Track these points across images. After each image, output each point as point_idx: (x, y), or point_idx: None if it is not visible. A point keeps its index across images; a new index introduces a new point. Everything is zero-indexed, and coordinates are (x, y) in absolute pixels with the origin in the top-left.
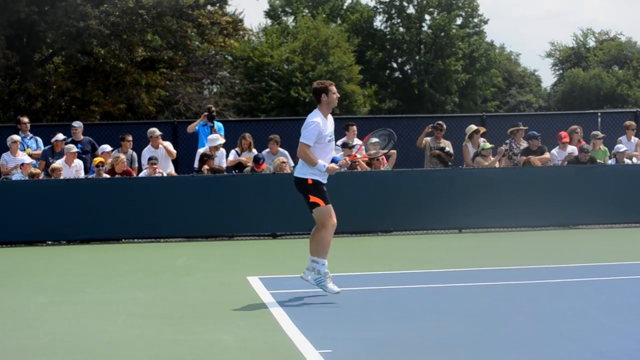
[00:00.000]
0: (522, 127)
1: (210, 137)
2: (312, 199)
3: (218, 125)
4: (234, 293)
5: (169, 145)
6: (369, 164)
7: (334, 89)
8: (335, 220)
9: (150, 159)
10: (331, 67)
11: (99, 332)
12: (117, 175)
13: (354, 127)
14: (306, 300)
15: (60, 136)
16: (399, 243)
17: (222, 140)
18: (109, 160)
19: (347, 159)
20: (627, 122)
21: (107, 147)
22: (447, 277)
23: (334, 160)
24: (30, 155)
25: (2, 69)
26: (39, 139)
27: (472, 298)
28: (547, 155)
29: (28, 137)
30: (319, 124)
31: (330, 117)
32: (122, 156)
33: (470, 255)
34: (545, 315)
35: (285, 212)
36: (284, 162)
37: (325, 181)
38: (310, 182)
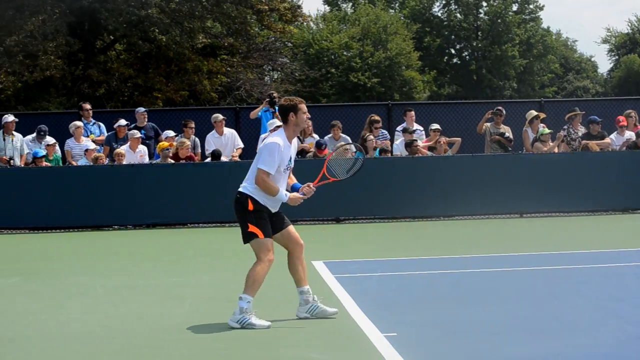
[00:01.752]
0: (579, 112)
1: (269, 122)
2: (251, 228)
3: None
4: None
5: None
6: (431, 148)
7: (304, 107)
8: (273, 256)
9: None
10: (390, 54)
11: (164, 315)
12: (181, 161)
13: (412, 113)
14: (371, 284)
15: (122, 122)
16: (461, 228)
17: (280, 122)
18: (174, 144)
19: (312, 185)
20: None
21: (170, 133)
22: (508, 262)
23: (294, 188)
24: (93, 141)
25: (65, 55)
26: (102, 125)
27: (533, 282)
28: (607, 140)
29: (91, 123)
30: (281, 147)
31: (295, 141)
32: (187, 142)
33: (531, 239)
34: (605, 300)
35: (349, 196)
36: (346, 149)
37: (275, 209)
38: (251, 208)
